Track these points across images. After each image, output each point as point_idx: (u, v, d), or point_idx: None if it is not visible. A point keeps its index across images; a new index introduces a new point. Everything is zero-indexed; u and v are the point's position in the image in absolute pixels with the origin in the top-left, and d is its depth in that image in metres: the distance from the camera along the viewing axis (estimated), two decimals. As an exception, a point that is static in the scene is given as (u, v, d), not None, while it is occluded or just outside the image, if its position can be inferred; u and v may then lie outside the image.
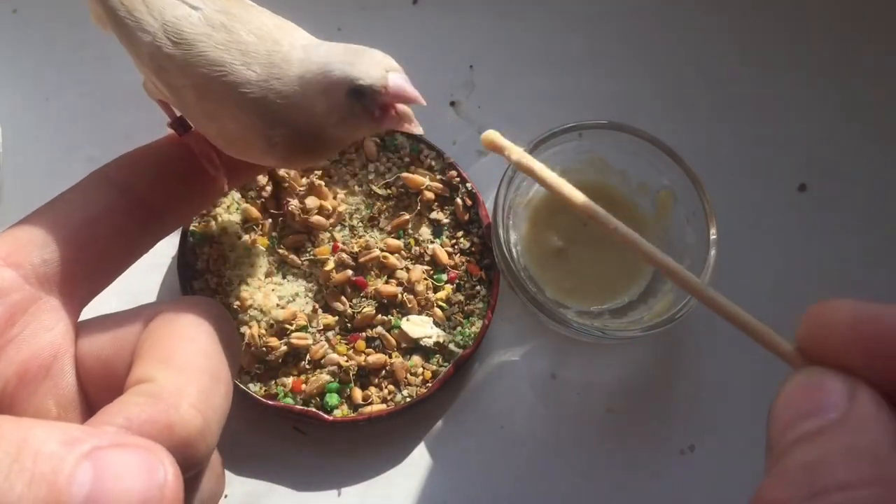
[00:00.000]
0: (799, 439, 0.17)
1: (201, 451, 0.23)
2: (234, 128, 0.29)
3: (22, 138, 0.45)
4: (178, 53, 0.28)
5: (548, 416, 0.41)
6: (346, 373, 0.39)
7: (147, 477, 0.19)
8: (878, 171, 0.47)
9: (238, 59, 0.28)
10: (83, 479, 0.18)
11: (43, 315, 0.26)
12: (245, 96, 0.28)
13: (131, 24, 0.29)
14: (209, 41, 0.28)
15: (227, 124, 0.29)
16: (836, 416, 0.17)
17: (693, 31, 0.49)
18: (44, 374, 0.25)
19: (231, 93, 0.28)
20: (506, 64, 0.48)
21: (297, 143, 0.29)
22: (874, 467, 0.15)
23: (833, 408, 0.17)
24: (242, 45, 0.28)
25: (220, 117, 0.29)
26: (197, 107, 0.29)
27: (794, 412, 0.17)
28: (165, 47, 0.28)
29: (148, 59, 0.29)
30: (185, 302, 0.27)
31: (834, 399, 0.17)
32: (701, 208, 0.40)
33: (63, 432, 0.19)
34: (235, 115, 0.28)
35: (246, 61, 0.28)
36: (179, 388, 0.23)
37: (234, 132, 0.29)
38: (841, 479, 0.15)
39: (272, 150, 0.29)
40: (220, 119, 0.29)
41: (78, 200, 0.28)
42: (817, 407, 0.17)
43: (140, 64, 0.30)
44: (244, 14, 0.29)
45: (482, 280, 0.42)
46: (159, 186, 0.30)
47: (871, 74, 0.49)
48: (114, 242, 0.28)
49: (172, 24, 0.28)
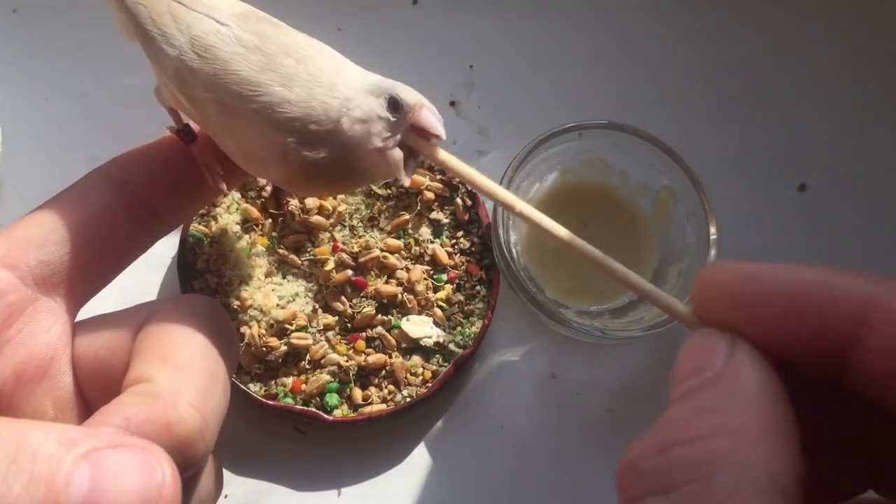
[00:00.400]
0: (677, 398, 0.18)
1: (200, 449, 0.23)
2: (256, 144, 0.29)
3: (22, 138, 0.45)
4: (204, 68, 0.28)
5: (548, 416, 0.41)
6: (346, 373, 0.39)
7: (145, 477, 0.19)
8: (878, 171, 0.47)
9: (276, 80, 0.28)
10: (81, 480, 0.18)
11: (40, 316, 0.26)
12: (280, 115, 0.28)
13: (158, 36, 0.29)
14: (243, 62, 0.28)
15: (250, 140, 0.29)
16: (711, 374, 0.17)
17: (693, 32, 0.49)
18: (41, 376, 0.25)
19: (262, 110, 0.28)
20: (506, 64, 0.48)
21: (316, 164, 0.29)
22: (722, 420, 0.16)
23: (711, 366, 0.18)
24: (280, 67, 0.28)
25: (242, 133, 0.29)
26: (218, 121, 0.29)
27: (681, 372, 0.18)
28: (191, 61, 0.28)
29: (173, 72, 0.29)
30: (182, 301, 0.27)
31: (713, 358, 0.18)
32: (701, 208, 0.40)
33: (61, 433, 0.19)
34: (262, 133, 0.28)
35: (285, 83, 0.28)
36: (177, 387, 0.23)
37: (255, 148, 0.29)
38: (688, 434, 0.16)
39: (289, 170, 0.29)
40: (242, 135, 0.29)
41: (75, 200, 0.28)
42: (699, 367, 0.18)
43: (162, 76, 0.30)
44: (278, 35, 0.29)
45: (482, 280, 0.42)
46: (157, 185, 0.30)
47: (871, 74, 0.49)
48: (111, 242, 0.28)
49: (200, 39, 0.28)
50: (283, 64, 0.28)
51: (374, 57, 0.48)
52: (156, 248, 0.43)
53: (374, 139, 0.28)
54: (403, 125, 0.28)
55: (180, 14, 0.29)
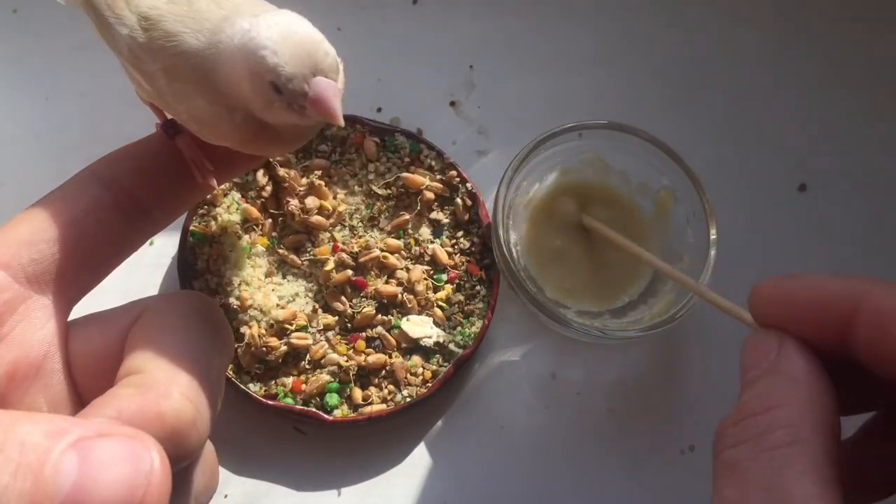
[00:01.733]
0: (745, 385, 0.23)
1: (193, 440, 0.23)
2: (201, 108, 0.28)
3: (22, 138, 0.45)
4: (147, 39, 0.27)
5: (548, 416, 0.41)
6: (346, 373, 0.39)
7: (133, 465, 0.19)
8: (878, 171, 0.47)
9: (189, 26, 0.27)
10: (69, 469, 0.18)
11: (32, 314, 0.26)
12: (199, 73, 0.27)
13: (113, 21, 0.28)
14: (169, 16, 0.27)
15: (195, 103, 0.28)
16: (767, 366, 0.23)
17: (693, 32, 0.49)
18: (34, 374, 0.25)
19: (188, 67, 0.27)
20: (506, 64, 0.48)
21: (255, 127, 0.28)
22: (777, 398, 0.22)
23: (766, 359, 0.23)
24: (196, 12, 0.27)
25: (188, 97, 0.28)
26: (168, 90, 0.28)
27: (745, 366, 0.24)
28: (139, 37, 0.28)
29: (127, 52, 0.28)
30: (174, 295, 0.27)
31: (767, 353, 0.23)
32: (701, 208, 0.40)
33: (49, 423, 0.19)
34: (199, 93, 0.27)
35: (195, 28, 0.27)
36: (169, 377, 0.23)
37: (202, 112, 0.28)
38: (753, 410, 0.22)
39: (237, 131, 0.28)
40: (189, 99, 0.28)
41: (65, 199, 0.28)
42: (758, 359, 0.23)
43: (123, 62, 0.30)
44: None
45: (482, 280, 0.42)
46: (147, 182, 0.30)
47: (871, 75, 0.49)
48: (102, 239, 0.28)
49: (144, 13, 0.28)
50: (199, 9, 0.27)
51: (374, 57, 0.48)
52: (156, 248, 0.43)
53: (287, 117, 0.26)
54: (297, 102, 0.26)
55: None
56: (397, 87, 0.47)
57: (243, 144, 0.29)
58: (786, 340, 0.23)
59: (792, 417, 0.21)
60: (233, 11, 0.27)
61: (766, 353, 0.23)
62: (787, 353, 0.23)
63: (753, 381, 0.23)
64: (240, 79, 0.26)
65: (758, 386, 0.23)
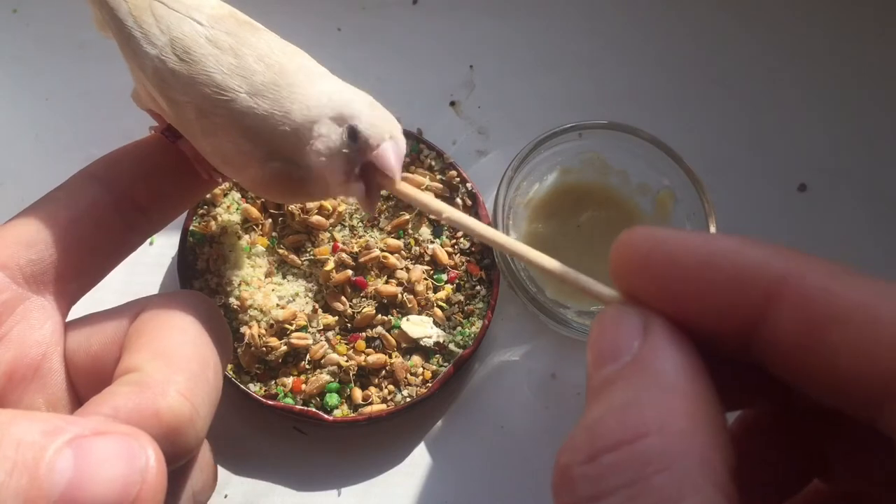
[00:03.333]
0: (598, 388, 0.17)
1: (190, 438, 0.23)
2: (231, 150, 0.28)
3: (22, 138, 0.45)
4: (183, 70, 0.28)
5: (548, 416, 0.41)
6: (346, 373, 0.39)
7: (128, 462, 0.19)
8: (878, 171, 0.47)
9: (243, 87, 0.27)
10: (64, 467, 0.19)
11: (31, 314, 0.26)
12: (246, 124, 0.28)
13: (139, 35, 0.28)
14: (217, 64, 0.28)
15: (225, 145, 0.28)
16: (629, 359, 0.17)
17: (693, 32, 0.49)
18: (32, 373, 0.25)
19: (232, 117, 0.28)
20: (506, 64, 0.48)
21: (285, 179, 0.29)
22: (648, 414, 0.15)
23: (626, 348, 0.17)
24: (249, 72, 0.28)
25: (217, 136, 0.28)
26: (196, 124, 0.29)
27: (598, 355, 0.17)
28: (171, 62, 0.28)
29: (152, 72, 0.28)
30: (172, 295, 0.27)
31: (628, 338, 0.17)
32: (701, 208, 0.40)
33: (46, 422, 0.19)
34: (234, 139, 0.28)
35: (251, 91, 0.27)
36: (166, 375, 0.23)
37: (230, 154, 0.29)
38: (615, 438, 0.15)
39: (262, 178, 0.29)
40: (218, 139, 0.29)
41: (64, 199, 0.28)
42: (615, 349, 0.17)
43: (140, 75, 0.30)
44: (253, 40, 0.28)
45: (482, 280, 0.42)
46: (144, 182, 0.30)
47: (870, 75, 0.49)
48: (100, 239, 0.28)
49: (181, 41, 0.28)
50: (253, 70, 0.28)
51: (374, 57, 0.48)
52: (156, 248, 0.43)
53: (336, 174, 0.27)
54: (363, 158, 0.27)
55: (162, 13, 0.28)
56: (397, 87, 0.47)
57: (258, 189, 0.30)
58: (652, 322, 0.17)
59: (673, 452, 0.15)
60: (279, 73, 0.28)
61: (625, 341, 0.17)
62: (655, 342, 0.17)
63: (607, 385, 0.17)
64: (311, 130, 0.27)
65: (615, 394, 0.16)
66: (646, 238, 0.18)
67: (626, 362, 0.17)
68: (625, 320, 0.17)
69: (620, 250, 0.18)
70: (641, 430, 0.15)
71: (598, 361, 0.17)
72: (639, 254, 0.18)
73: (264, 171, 0.28)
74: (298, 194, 0.30)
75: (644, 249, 0.18)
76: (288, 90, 0.27)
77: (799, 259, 0.16)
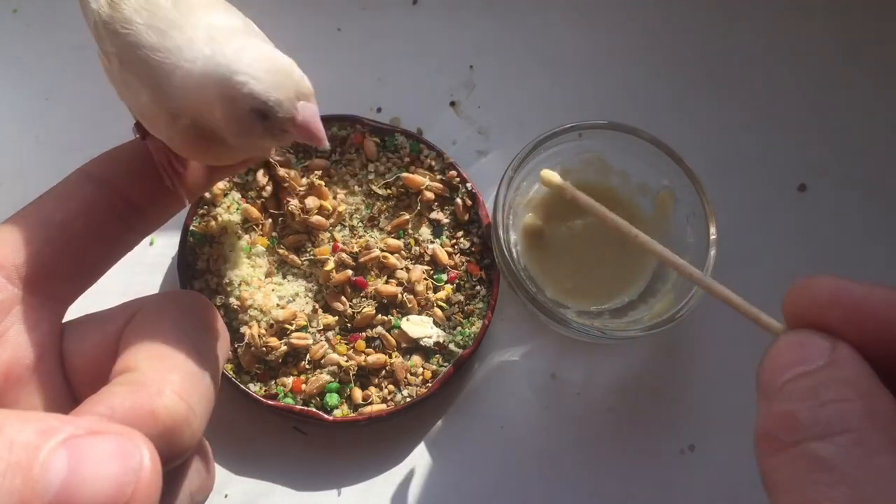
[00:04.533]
0: (791, 379, 0.19)
1: (186, 437, 0.23)
2: (145, 103, 0.27)
3: (22, 138, 0.45)
4: (108, 18, 0.27)
5: (548, 416, 0.41)
6: (346, 373, 0.39)
7: (122, 462, 0.19)
8: (878, 171, 0.47)
9: (144, 19, 0.26)
10: (58, 467, 0.19)
11: (27, 315, 0.26)
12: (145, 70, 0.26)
13: None
14: (134, 2, 0.26)
15: (140, 97, 0.27)
16: (823, 362, 0.19)
17: (693, 32, 0.49)
18: (29, 374, 0.25)
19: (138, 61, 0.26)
20: (506, 64, 0.48)
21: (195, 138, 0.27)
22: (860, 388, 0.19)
23: (819, 357, 0.20)
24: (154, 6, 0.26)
25: (132, 88, 0.27)
26: (119, 77, 0.28)
27: (785, 362, 0.20)
28: (104, 13, 0.27)
29: (93, 25, 0.28)
30: (168, 294, 0.27)
31: (819, 351, 0.20)
32: (701, 208, 0.40)
33: (40, 422, 0.19)
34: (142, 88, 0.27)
35: (147, 23, 0.26)
36: (162, 375, 0.23)
37: (145, 108, 0.27)
38: (838, 393, 0.18)
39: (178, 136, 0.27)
40: (133, 90, 0.27)
41: (58, 199, 0.28)
42: (806, 357, 0.20)
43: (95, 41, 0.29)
44: None
45: (482, 280, 0.42)
46: (139, 182, 0.30)
47: (870, 75, 0.49)
48: (95, 239, 0.28)
49: None
50: (159, 4, 0.26)
51: (374, 57, 0.48)
52: (156, 248, 0.43)
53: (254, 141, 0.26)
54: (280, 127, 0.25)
55: None
56: (397, 87, 0.47)
57: (183, 149, 0.28)
58: (840, 342, 0.20)
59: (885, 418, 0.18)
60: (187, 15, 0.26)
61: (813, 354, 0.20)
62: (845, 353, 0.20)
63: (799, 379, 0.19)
64: (208, 103, 0.25)
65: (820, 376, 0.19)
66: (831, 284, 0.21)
67: (819, 364, 0.19)
68: (813, 340, 0.20)
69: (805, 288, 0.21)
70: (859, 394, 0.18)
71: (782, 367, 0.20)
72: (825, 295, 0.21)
73: (175, 128, 0.27)
74: (218, 155, 0.28)
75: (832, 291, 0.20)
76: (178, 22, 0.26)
77: None
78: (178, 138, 0.27)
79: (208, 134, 0.27)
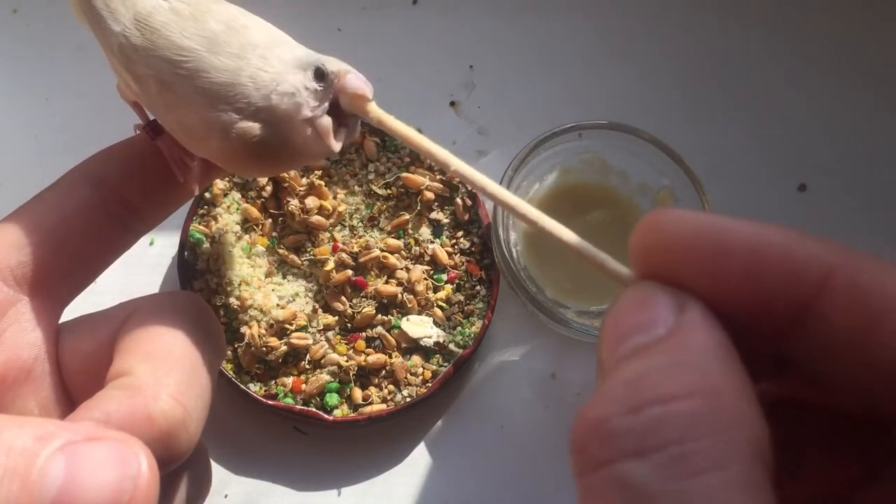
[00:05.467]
0: (627, 356, 0.16)
1: (183, 441, 0.23)
2: (193, 120, 0.28)
3: (22, 138, 0.45)
4: (144, 41, 0.27)
5: (548, 416, 0.41)
6: (346, 373, 0.39)
7: (120, 468, 0.19)
8: (878, 171, 0.47)
9: (203, 45, 0.27)
10: (56, 473, 0.19)
11: (23, 317, 0.26)
12: (205, 85, 0.27)
13: (105, 14, 0.28)
14: (177, 28, 0.27)
15: (186, 116, 0.28)
16: (664, 331, 0.16)
17: (693, 32, 0.49)
18: (25, 377, 0.25)
19: (192, 81, 0.27)
20: (506, 64, 0.48)
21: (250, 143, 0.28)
22: (697, 379, 0.15)
23: (662, 322, 0.16)
24: (209, 32, 0.27)
25: (179, 108, 0.28)
26: (159, 97, 0.28)
27: (624, 328, 0.17)
28: (133, 37, 0.28)
29: (117, 49, 0.28)
30: (164, 296, 0.27)
31: (663, 314, 0.16)
32: (701, 208, 0.40)
33: (37, 428, 0.19)
34: (194, 107, 0.27)
35: (210, 49, 0.27)
36: (158, 379, 0.23)
37: (193, 125, 0.28)
38: (663, 392, 0.15)
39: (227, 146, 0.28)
40: (180, 110, 0.28)
41: (54, 199, 0.28)
42: (647, 322, 0.16)
43: (111, 57, 0.30)
44: (216, 8, 0.28)
45: (482, 280, 0.42)
46: (135, 181, 0.29)
47: (870, 75, 0.49)
48: (91, 239, 0.28)
49: (142, 15, 0.28)
50: (213, 31, 0.27)
51: (374, 57, 0.48)
52: (156, 248, 0.43)
53: (303, 109, 0.27)
54: (331, 93, 0.28)
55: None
56: (397, 87, 0.47)
57: (228, 161, 0.29)
58: (689, 301, 0.16)
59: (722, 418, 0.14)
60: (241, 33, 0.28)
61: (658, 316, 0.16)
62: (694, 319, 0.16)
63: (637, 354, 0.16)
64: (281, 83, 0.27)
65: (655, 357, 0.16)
66: (692, 221, 0.17)
67: (659, 334, 0.16)
68: (657, 297, 0.17)
69: (654, 228, 0.17)
70: (689, 389, 0.15)
71: (624, 332, 0.17)
72: (682, 235, 0.17)
73: (228, 138, 0.28)
74: (268, 159, 0.29)
75: (689, 232, 0.17)
76: (251, 48, 0.28)
77: (850, 253, 0.16)
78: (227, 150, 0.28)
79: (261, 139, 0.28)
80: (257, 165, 0.30)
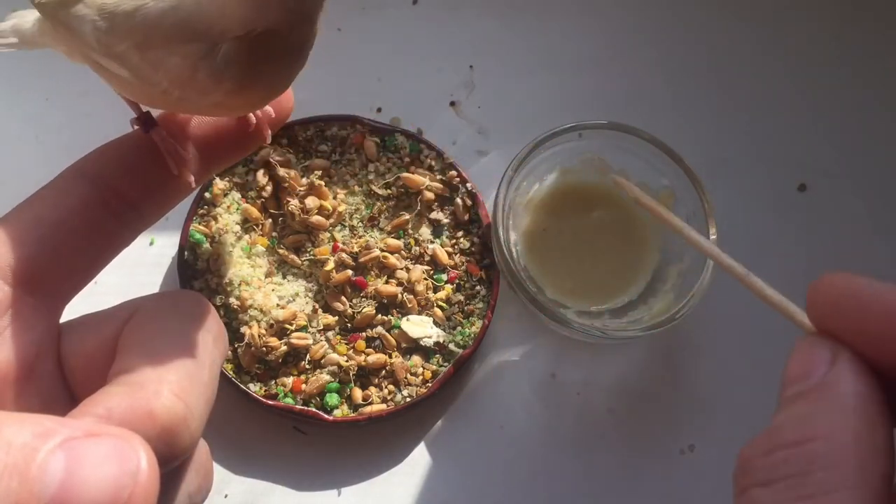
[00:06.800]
0: (789, 398, 0.20)
1: (185, 438, 0.23)
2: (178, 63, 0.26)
3: (22, 138, 0.45)
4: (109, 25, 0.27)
5: (548, 416, 0.41)
6: (346, 373, 0.39)
7: (119, 464, 0.19)
8: (879, 171, 0.47)
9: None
10: (55, 469, 0.18)
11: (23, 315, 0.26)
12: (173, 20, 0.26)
13: (75, 22, 0.28)
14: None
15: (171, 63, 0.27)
16: (815, 381, 0.20)
17: (693, 32, 0.49)
18: (26, 375, 0.25)
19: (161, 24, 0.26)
20: (506, 64, 0.48)
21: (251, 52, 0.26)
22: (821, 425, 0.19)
23: (814, 373, 0.20)
24: None
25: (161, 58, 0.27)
26: (143, 64, 0.27)
27: (790, 375, 0.21)
28: (102, 26, 0.27)
29: (96, 43, 0.28)
30: (165, 294, 0.27)
31: (816, 365, 0.20)
32: (701, 208, 0.40)
33: (37, 424, 0.19)
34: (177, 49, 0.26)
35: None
36: (160, 376, 0.23)
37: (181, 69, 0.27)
38: (791, 438, 0.19)
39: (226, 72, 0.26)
40: (165, 62, 0.27)
41: (51, 197, 0.28)
42: (805, 373, 0.20)
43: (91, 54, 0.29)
44: None
45: (482, 280, 0.42)
46: (133, 178, 0.29)
47: (870, 75, 0.49)
48: (90, 236, 0.28)
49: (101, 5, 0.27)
50: None
51: (374, 57, 0.48)
52: (156, 248, 0.43)
53: None
54: None
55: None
56: (397, 87, 0.47)
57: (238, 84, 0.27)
58: (841, 354, 0.20)
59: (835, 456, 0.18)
60: None
61: (815, 367, 0.20)
62: (840, 371, 0.20)
63: (794, 400, 0.20)
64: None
65: (798, 407, 0.20)
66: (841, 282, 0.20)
67: (812, 384, 0.20)
68: (817, 349, 0.20)
69: (817, 290, 0.21)
70: (810, 436, 0.19)
71: (791, 380, 0.21)
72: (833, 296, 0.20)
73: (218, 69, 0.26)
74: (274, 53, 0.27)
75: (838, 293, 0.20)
76: None
77: None
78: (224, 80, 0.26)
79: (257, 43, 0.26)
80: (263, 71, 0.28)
